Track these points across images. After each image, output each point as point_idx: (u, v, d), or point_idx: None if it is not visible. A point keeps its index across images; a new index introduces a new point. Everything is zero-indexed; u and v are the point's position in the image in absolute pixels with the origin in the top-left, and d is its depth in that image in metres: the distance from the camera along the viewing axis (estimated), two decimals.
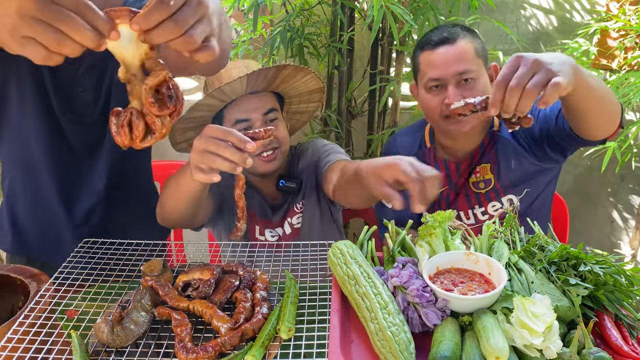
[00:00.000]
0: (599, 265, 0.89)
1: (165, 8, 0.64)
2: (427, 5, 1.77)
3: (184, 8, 0.66)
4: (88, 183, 1.34)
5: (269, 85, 1.46)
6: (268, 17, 2.25)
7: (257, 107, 1.44)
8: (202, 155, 0.97)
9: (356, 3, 2.02)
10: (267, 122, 1.46)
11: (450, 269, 0.95)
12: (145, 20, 0.64)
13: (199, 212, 1.32)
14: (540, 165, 1.47)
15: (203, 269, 1.02)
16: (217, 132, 0.97)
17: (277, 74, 1.40)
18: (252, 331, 0.87)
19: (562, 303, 0.83)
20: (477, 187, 1.52)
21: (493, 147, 1.50)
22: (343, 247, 1.00)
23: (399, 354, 0.76)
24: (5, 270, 1.01)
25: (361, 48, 2.31)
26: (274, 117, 1.47)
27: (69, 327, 0.90)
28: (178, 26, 0.65)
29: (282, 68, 1.39)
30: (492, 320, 0.79)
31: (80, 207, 1.34)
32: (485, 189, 1.51)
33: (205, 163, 0.97)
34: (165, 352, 0.86)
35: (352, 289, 0.91)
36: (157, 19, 0.64)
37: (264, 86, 1.44)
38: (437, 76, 1.40)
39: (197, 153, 0.98)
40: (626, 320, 0.87)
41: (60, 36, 0.62)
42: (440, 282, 0.91)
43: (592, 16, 2.26)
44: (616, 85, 1.98)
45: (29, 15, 0.61)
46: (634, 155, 2.14)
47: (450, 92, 1.38)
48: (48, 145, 1.26)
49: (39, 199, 1.32)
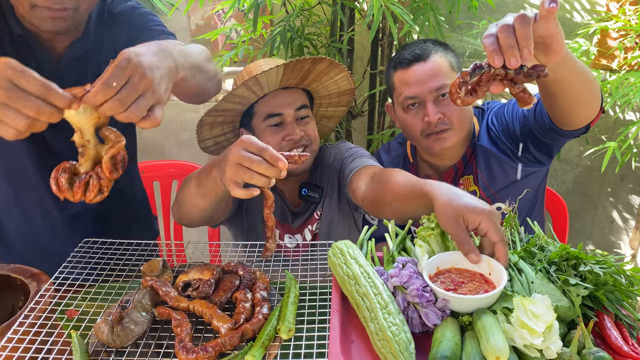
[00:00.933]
0: (599, 265, 0.89)
1: (109, 90, 0.76)
2: (427, 5, 1.77)
3: (126, 86, 0.77)
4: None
5: (302, 81, 1.45)
6: (268, 17, 2.25)
7: (289, 103, 1.43)
8: (237, 170, 0.95)
9: (356, 3, 2.02)
10: (299, 118, 1.45)
11: (450, 269, 0.95)
12: (93, 100, 0.77)
13: (219, 210, 1.30)
14: (526, 170, 1.45)
15: (203, 269, 1.02)
16: (251, 147, 0.95)
17: (312, 67, 1.39)
18: (252, 331, 0.87)
19: (562, 303, 0.83)
20: None
21: (475, 158, 1.48)
22: (343, 247, 1.00)
23: (399, 354, 0.76)
24: (5, 270, 1.01)
25: (361, 48, 2.31)
26: (305, 114, 1.46)
27: (69, 327, 0.90)
28: (121, 104, 0.77)
29: (318, 61, 1.38)
30: (492, 320, 0.79)
31: (69, 217, 1.34)
32: None
33: (241, 178, 0.95)
34: (165, 352, 0.86)
35: (352, 289, 0.91)
36: (102, 99, 0.77)
37: (297, 81, 1.43)
38: (414, 94, 1.39)
39: (232, 167, 0.96)
40: (626, 320, 0.87)
41: (29, 120, 0.73)
42: (441, 282, 0.91)
43: (592, 16, 2.26)
44: (616, 85, 1.98)
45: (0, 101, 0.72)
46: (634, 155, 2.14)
47: (429, 109, 1.37)
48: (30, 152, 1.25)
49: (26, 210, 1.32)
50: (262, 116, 1.44)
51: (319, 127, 1.69)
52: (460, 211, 0.91)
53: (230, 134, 1.59)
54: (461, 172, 1.50)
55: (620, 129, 2.20)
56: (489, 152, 1.46)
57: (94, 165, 0.87)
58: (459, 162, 1.50)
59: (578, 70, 1.03)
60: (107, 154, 0.85)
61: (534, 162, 1.43)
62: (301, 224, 1.58)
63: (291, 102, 1.43)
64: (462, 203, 0.92)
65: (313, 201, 1.54)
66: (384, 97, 2.22)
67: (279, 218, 1.58)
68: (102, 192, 0.87)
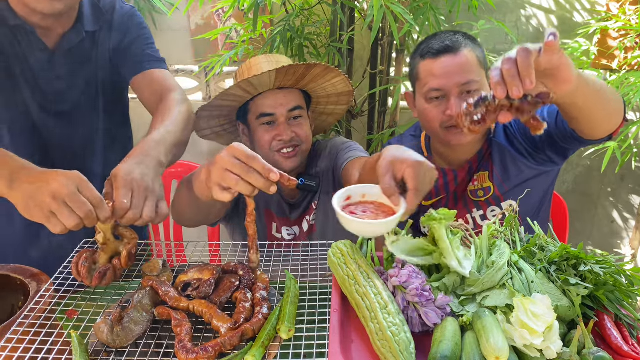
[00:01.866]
0: (599, 265, 0.89)
1: (124, 206, 0.98)
2: (427, 5, 1.77)
3: (133, 200, 0.99)
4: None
5: (298, 83, 1.45)
6: (268, 17, 2.25)
7: (283, 103, 1.44)
8: (224, 174, 0.94)
9: (356, 3, 2.02)
10: (292, 118, 1.46)
11: (363, 201, 0.99)
12: (117, 216, 0.99)
13: (213, 212, 1.33)
14: (539, 169, 1.45)
15: (203, 269, 1.02)
16: (241, 155, 0.94)
17: (306, 72, 1.40)
18: (252, 331, 0.87)
19: (562, 303, 0.83)
20: (476, 195, 1.49)
21: (491, 155, 1.47)
22: (343, 247, 1.00)
23: (399, 354, 0.76)
24: (5, 270, 1.01)
25: (361, 48, 2.31)
26: (298, 114, 1.47)
27: (69, 327, 0.90)
28: (136, 213, 0.99)
29: (312, 67, 1.38)
30: (492, 320, 0.80)
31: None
32: (485, 196, 1.48)
33: (227, 183, 0.95)
34: (165, 352, 0.86)
35: (352, 289, 0.91)
36: (123, 214, 0.98)
37: (292, 83, 1.44)
38: (439, 87, 1.36)
39: (219, 171, 0.95)
40: (626, 320, 0.87)
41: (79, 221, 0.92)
42: (350, 212, 0.94)
43: (592, 16, 2.26)
44: (616, 85, 1.99)
45: (61, 199, 0.90)
46: (634, 155, 2.15)
47: (452, 104, 1.34)
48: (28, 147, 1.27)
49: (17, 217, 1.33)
50: (255, 114, 1.45)
51: (319, 122, 1.69)
52: (392, 160, 0.94)
53: (228, 125, 1.60)
54: (476, 168, 1.49)
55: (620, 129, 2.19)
56: (505, 150, 1.45)
57: (111, 257, 1.06)
58: (474, 157, 1.49)
59: (596, 93, 1.04)
60: (125, 250, 1.04)
61: (548, 162, 1.43)
62: (299, 215, 1.59)
63: (285, 103, 1.44)
64: (397, 154, 0.95)
65: (310, 190, 1.54)
66: (384, 97, 2.22)
67: (276, 212, 1.59)
68: (117, 279, 1.05)
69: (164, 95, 1.30)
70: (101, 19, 1.32)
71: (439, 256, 0.95)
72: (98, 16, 1.31)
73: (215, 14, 2.43)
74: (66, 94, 1.30)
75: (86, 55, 1.30)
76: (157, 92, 1.32)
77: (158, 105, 1.28)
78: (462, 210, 1.51)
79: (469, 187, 1.49)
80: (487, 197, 1.48)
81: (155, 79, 1.35)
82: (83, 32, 1.26)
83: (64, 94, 1.29)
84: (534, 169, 1.44)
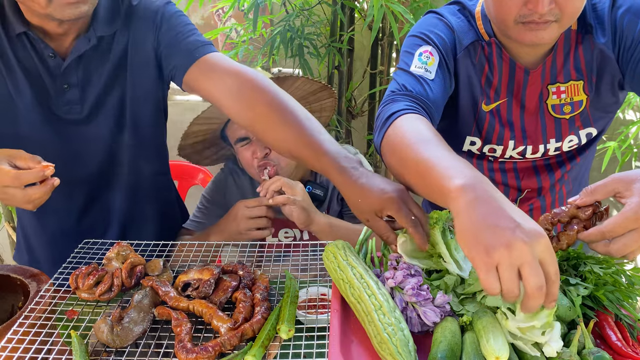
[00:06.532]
0: (599, 265, 0.89)
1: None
2: (427, 5, 1.78)
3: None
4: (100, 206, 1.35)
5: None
6: (268, 17, 2.25)
7: None
8: (247, 222, 1.33)
9: (356, 3, 2.02)
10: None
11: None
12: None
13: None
14: (617, 98, 1.16)
15: (203, 269, 1.02)
16: (250, 203, 1.33)
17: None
18: (252, 331, 0.87)
19: (562, 303, 0.83)
20: (560, 111, 1.17)
21: (583, 56, 1.12)
22: (335, 248, 0.98)
23: (398, 354, 0.76)
24: (5, 270, 1.01)
25: (361, 48, 2.31)
26: None
27: (69, 327, 0.90)
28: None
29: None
30: (492, 320, 0.79)
31: (94, 225, 1.35)
32: (571, 113, 1.17)
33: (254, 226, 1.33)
34: (165, 352, 0.86)
35: (347, 292, 0.90)
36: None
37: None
38: None
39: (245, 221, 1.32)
40: (626, 320, 0.87)
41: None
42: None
43: None
44: None
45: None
46: (634, 155, 2.14)
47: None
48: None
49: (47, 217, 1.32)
50: (233, 139, 1.46)
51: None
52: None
53: (211, 144, 1.59)
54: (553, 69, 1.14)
55: (621, 129, 2.19)
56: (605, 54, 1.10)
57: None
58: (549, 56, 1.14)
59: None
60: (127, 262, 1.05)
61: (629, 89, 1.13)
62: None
63: None
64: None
65: (316, 199, 1.53)
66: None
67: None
68: (111, 290, 1.00)
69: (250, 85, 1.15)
70: (119, 19, 1.20)
71: (437, 259, 0.95)
72: (115, 17, 1.20)
73: (215, 14, 2.43)
74: (83, 101, 1.22)
75: (103, 59, 1.21)
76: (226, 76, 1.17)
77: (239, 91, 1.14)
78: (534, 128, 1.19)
79: (551, 100, 1.17)
80: (574, 115, 1.17)
81: (217, 63, 1.19)
82: (97, 36, 1.17)
83: (80, 102, 1.22)
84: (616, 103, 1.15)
